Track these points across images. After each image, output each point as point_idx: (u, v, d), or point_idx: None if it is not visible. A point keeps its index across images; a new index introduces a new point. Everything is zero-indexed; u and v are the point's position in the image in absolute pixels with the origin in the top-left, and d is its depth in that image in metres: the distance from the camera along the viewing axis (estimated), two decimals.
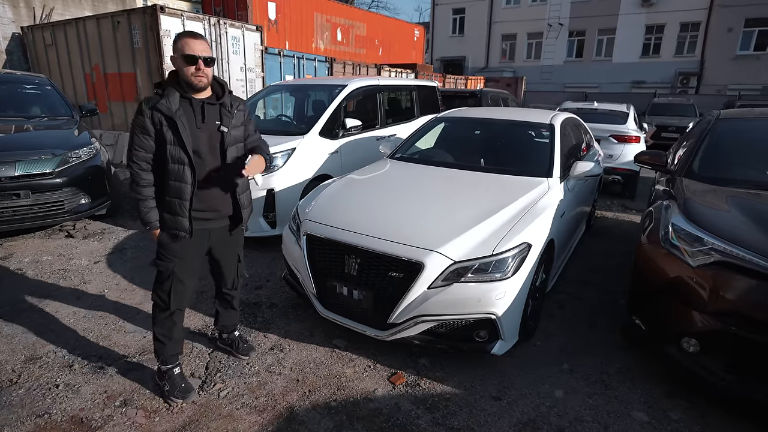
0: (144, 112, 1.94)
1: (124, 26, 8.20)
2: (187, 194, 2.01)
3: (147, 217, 2.03)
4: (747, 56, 19.76)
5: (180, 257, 2.10)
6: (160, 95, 1.96)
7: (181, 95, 1.98)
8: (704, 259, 2.11)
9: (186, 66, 1.93)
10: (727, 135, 3.12)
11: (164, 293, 2.12)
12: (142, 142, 1.97)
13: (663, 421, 2.12)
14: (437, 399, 2.24)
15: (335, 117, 4.76)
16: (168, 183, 2.00)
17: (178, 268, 2.11)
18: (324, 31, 15.48)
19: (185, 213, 2.03)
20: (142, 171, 1.99)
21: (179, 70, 1.97)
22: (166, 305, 2.12)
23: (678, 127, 12.75)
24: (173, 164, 1.98)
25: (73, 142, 4.55)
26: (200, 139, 2.01)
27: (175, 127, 1.95)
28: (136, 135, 1.97)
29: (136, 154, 1.97)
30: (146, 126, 1.94)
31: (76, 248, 4.15)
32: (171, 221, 2.04)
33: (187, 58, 1.91)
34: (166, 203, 2.03)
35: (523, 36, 24.77)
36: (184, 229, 2.05)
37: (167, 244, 2.08)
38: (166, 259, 2.09)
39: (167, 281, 2.11)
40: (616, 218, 5.83)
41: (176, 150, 1.97)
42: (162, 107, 1.93)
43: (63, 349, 2.56)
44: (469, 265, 2.30)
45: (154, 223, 2.05)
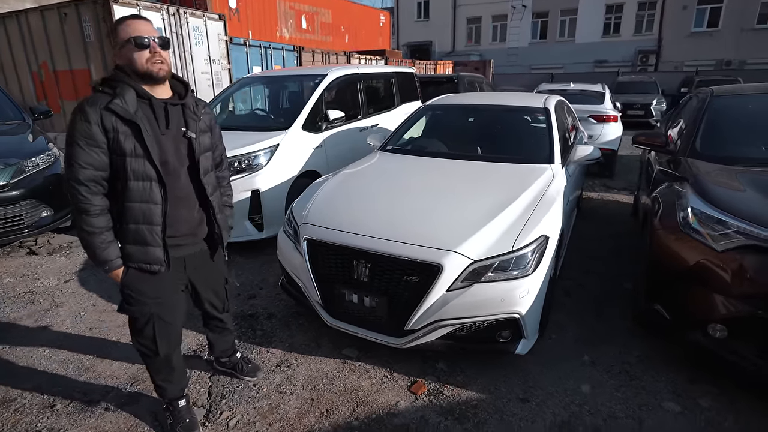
0: (89, 116, 1.49)
1: (72, 18, 7.54)
2: (158, 217, 1.62)
3: (105, 254, 1.59)
4: (701, 33, 20.48)
5: (156, 293, 1.71)
6: (110, 94, 1.53)
7: (138, 94, 1.58)
8: (730, 242, 2.05)
9: (138, 52, 1.54)
10: (725, 112, 3.10)
11: (147, 339, 1.76)
12: (89, 157, 1.50)
13: (695, 410, 2.08)
14: (464, 407, 2.11)
15: (317, 109, 4.51)
16: (129, 206, 1.59)
17: (157, 308, 1.73)
18: (288, 18, 14.93)
19: (158, 241, 1.63)
20: (91, 195, 1.54)
21: (129, 62, 1.55)
22: (153, 352, 1.78)
23: (642, 105, 13.10)
24: (136, 181, 1.57)
25: (28, 149, 4.11)
26: (166, 148, 1.62)
27: (138, 133, 1.54)
28: (78, 147, 1.49)
29: (81, 172, 1.50)
30: (94, 134, 1.50)
31: (42, 266, 3.77)
32: (139, 254, 1.63)
33: (138, 41, 1.53)
34: (130, 232, 1.61)
35: (488, 19, 24.78)
36: (158, 261, 1.65)
37: (136, 284, 1.67)
38: (138, 301, 1.69)
39: (147, 326, 1.74)
40: (601, 198, 5.87)
41: (139, 163, 1.56)
42: (117, 108, 1.51)
43: (40, 387, 2.27)
44: (489, 264, 2.16)
45: (115, 261, 1.62)
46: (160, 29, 7.69)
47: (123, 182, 1.57)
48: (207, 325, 2.18)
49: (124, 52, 1.57)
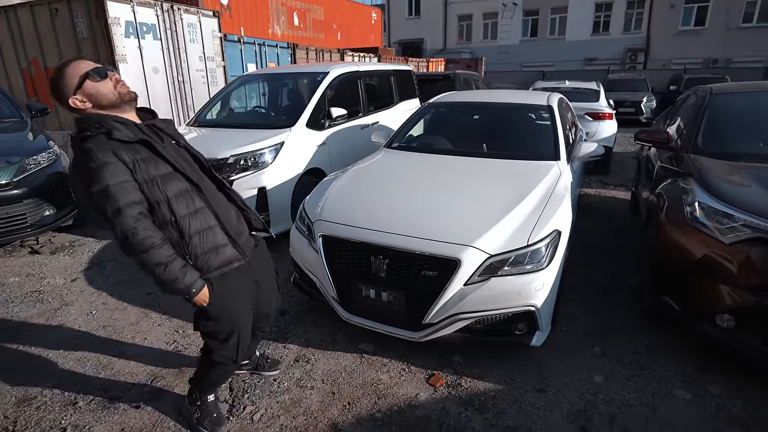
0: (103, 158, 1.42)
1: (64, 14, 7.41)
2: (212, 218, 1.63)
3: (188, 278, 1.53)
4: (688, 31, 20.82)
5: (239, 301, 1.71)
6: (101, 130, 1.46)
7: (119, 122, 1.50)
8: (737, 235, 2.13)
9: (101, 82, 1.49)
10: (725, 109, 3.19)
11: (230, 350, 1.76)
12: (129, 195, 1.44)
13: (705, 397, 2.16)
14: (483, 398, 2.17)
15: (320, 106, 4.52)
16: (183, 222, 1.56)
17: (242, 317, 1.74)
18: (280, 15, 14.85)
19: (224, 238, 1.64)
20: (149, 229, 1.48)
21: (97, 98, 1.49)
22: (233, 360, 1.80)
23: (633, 102, 13.28)
24: (177, 198, 1.55)
25: (29, 147, 4.06)
26: (178, 160, 1.60)
27: (153, 150, 1.52)
28: (115, 194, 1.42)
29: (129, 212, 1.44)
30: (119, 173, 1.44)
31: (46, 266, 3.74)
32: (216, 259, 1.61)
33: (97, 72, 1.48)
34: (197, 243, 1.58)
35: (479, 16, 24.88)
36: (236, 257, 1.65)
37: (222, 298, 1.64)
38: (224, 314, 1.67)
39: (232, 337, 1.73)
40: (598, 195, 5.97)
41: (170, 179, 1.54)
42: (121, 136, 1.46)
43: (59, 385, 2.27)
44: (505, 258, 2.21)
45: (199, 281, 1.56)
46: (154, 26, 7.62)
47: (167, 203, 1.54)
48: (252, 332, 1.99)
49: (86, 90, 1.48)
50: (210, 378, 1.91)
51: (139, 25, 7.38)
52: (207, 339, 1.77)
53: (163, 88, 7.87)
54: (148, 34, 7.54)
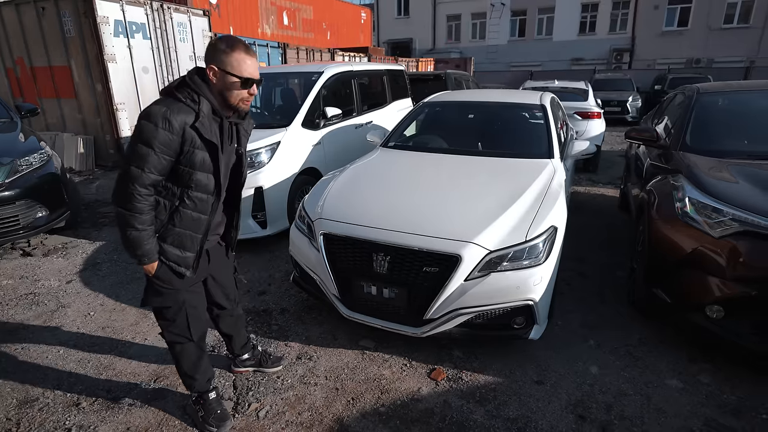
0: (173, 128, 1.52)
1: (51, 13, 7.31)
2: (203, 228, 1.72)
3: (147, 249, 1.61)
4: (672, 32, 21.24)
5: (184, 282, 1.77)
6: (194, 109, 1.56)
7: (214, 112, 1.63)
8: (726, 229, 2.21)
9: (239, 90, 1.61)
10: (712, 108, 3.29)
11: (180, 327, 1.81)
12: (159, 163, 1.53)
13: (696, 386, 2.24)
14: (484, 391, 2.22)
15: (315, 106, 4.54)
16: (183, 212, 1.66)
17: (188, 294, 1.80)
18: (269, 14, 14.78)
19: (195, 248, 1.72)
20: (149, 197, 1.57)
21: (224, 90, 1.61)
22: (187, 338, 1.84)
23: (618, 101, 13.50)
24: (197, 192, 1.65)
25: (21, 148, 4.01)
26: (222, 165, 1.70)
27: (214, 151, 1.62)
28: (153, 153, 1.51)
29: (148, 177, 1.53)
30: (172, 144, 1.54)
31: (39, 268, 3.70)
32: (174, 256, 1.69)
33: (245, 83, 1.60)
34: (174, 234, 1.67)
35: (467, 16, 25.05)
36: (188, 266, 1.73)
37: (168, 275, 1.72)
38: (168, 291, 1.74)
39: (180, 314, 1.79)
40: (588, 192, 6.08)
41: (205, 177, 1.65)
42: (202, 129, 1.57)
43: (61, 386, 2.26)
44: (504, 254, 2.27)
45: (154, 255, 1.65)
46: (144, 25, 7.54)
47: (185, 189, 1.64)
48: (219, 322, 2.16)
49: (226, 79, 1.59)
50: (180, 366, 1.92)
51: (129, 24, 7.30)
52: (157, 318, 1.85)
53: (153, 88, 7.80)
54: (137, 33, 7.46)
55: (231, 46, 1.58)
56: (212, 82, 1.61)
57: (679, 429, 1.97)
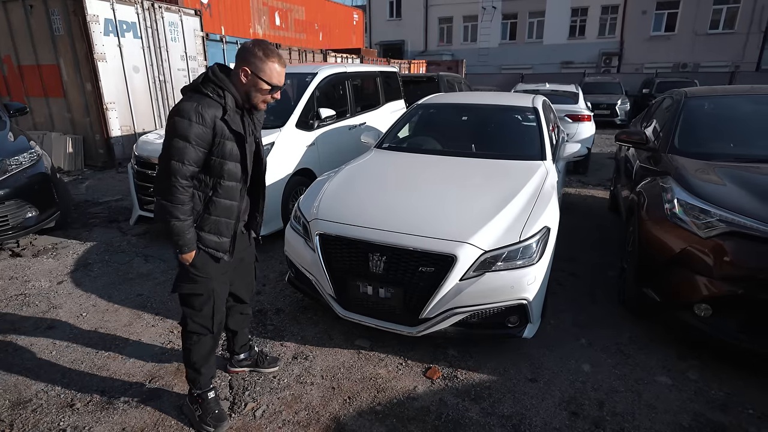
0: (206, 121, 1.64)
1: (39, 11, 7.22)
2: (235, 214, 1.83)
3: (188, 239, 1.73)
4: (659, 36, 21.61)
5: (217, 272, 1.87)
6: (220, 103, 1.68)
7: (236, 105, 1.75)
8: (713, 230, 2.27)
9: (266, 95, 1.75)
10: (699, 112, 3.37)
11: (205, 317, 1.88)
12: (196, 156, 1.66)
13: (685, 382, 2.29)
14: (479, 389, 2.25)
15: (309, 107, 4.55)
16: (218, 201, 1.78)
17: (218, 285, 1.89)
18: (261, 15, 14.73)
19: (230, 233, 1.84)
20: (189, 188, 1.70)
21: (250, 90, 1.74)
22: (208, 329, 1.90)
23: (608, 104, 13.69)
24: (229, 181, 1.77)
25: (10, 147, 3.96)
26: (249, 156, 1.83)
27: (241, 142, 1.75)
28: (191, 146, 1.64)
29: (188, 169, 1.66)
30: (205, 137, 1.67)
31: (29, 269, 3.65)
32: (213, 242, 1.81)
33: (274, 89, 1.75)
34: (211, 222, 1.80)
35: (459, 19, 25.22)
36: (226, 251, 1.85)
37: (204, 263, 1.82)
38: (201, 279, 1.83)
39: (207, 304, 1.87)
40: (578, 194, 6.17)
41: (234, 166, 1.77)
42: (230, 121, 1.70)
43: (54, 387, 2.24)
44: (498, 254, 2.30)
45: (194, 244, 1.76)
46: (135, 24, 7.48)
47: (217, 179, 1.76)
48: (230, 316, 2.18)
49: (257, 83, 1.71)
50: (191, 358, 1.93)
51: (119, 23, 7.24)
52: (184, 306, 1.90)
53: (144, 88, 7.74)
54: (128, 32, 7.40)
55: (267, 55, 1.70)
56: (242, 82, 1.73)
57: (669, 424, 2.01)
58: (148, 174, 4.00)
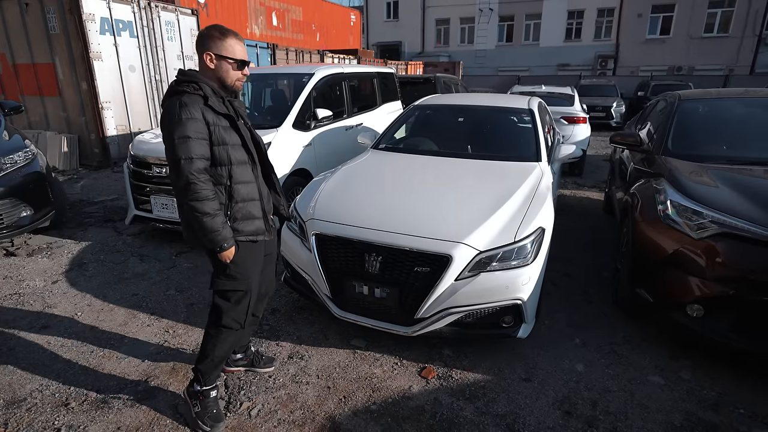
0: (194, 113, 1.67)
1: (35, 9, 7.19)
2: (256, 192, 1.88)
3: (225, 233, 1.74)
4: (655, 40, 21.77)
5: (255, 268, 1.92)
6: (198, 93, 1.71)
7: (214, 93, 1.77)
8: (705, 231, 2.30)
9: (235, 71, 1.78)
10: (693, 114, 3.41)
11: (240, 313, 1.92)
12: (202, 149, 1.69)
13: (678, 382, 2.32)
14: (473, 388, 2.26)
15: (306, 107, 4.55)
16: (236, 187, 1.81)
17: (256, 280, 1.94)
18: (258, 15, 14.72)
19: (261, 213, 1.89)
20: (208, 182, 1.72)
21: (221, 73, 1.77)
22: (240, 325, 1.94)
23: (603, 107, 13.76)
24: (238, 166, 1.80)
25: (5, 146, 3.95)
26: (246, 136, 1.86)
27: (233, 123, 1.78)
28: (193, 141, 1.66)
29: (199, 162, 1.68)
30: (201, 128, 1.69)
31: (24, 268, 3.64)
32: (248, 227, 1.85)
33: (242, 64, 1.78)
34: (239, 210, 1.82)
35: (456, 21, 25.30)
36: (263, 231, 1.90)
37: (244, 259, 1.85)
38: (242, 275, 1.86)
39: (245, 299, 1.91)
40: (574, 195, 6.20)
41: (237, 150, 1.80)
42: (215, 105, 1.72)
43: (49, 386, 2.24)
44: (493, 254, 2.32)
45: (232, 239, 1.78)
46: (131, 23, 7.46)
47: (228, 168, 1.78)
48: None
49: (220, 63, 1.75)
50: (211, 353, 1.94)
51: (115, 22, 7.21)
52: (220, 300, 1.90)
53: (140, 87, 7.71)
54: (124, 32, 7.37)
55: (224, 33, 1.75)
56: (210, 68, 1.77)
57: (661, 423, 2.03)
58: (144, 173, 3.99)
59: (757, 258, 2.14)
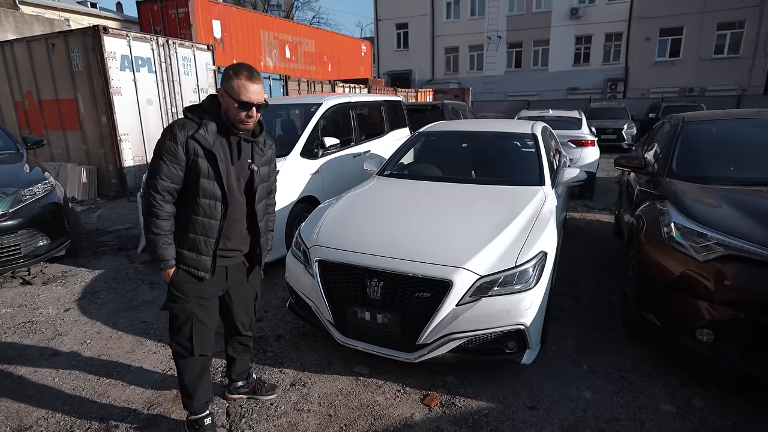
0: (177, 138, 1.76)
1: (60, 49, 7.62)
2: (215, 232, 1.87)
3: (164, 253, 1.82)
4: (664, 62, 21.86)
5: (198, 295, 1.91)
6: (197, 123, 1.81)
7: (219, 128, 1.85)
8: (711, 253, 2.26)
9: (237, 111, 1.80)
10: (696, 136, 3.40)
11: (184, 338, 1.93)
12: (169, 171, 1.77)
13: (690, 411, 2.23)
14: (477, 416, 2.22)
15: (314, 136, 4.67)
16: (194, 218, 1.84)
17: (198, 308, 1.92)
18: (272, 48, 15.30)
19: (209, 252, 1.88)
20: (164, 203, 1.80)
21: (227, 109, 1.82)
22: (189, 351, 1.93)
23: (614, 129, 13.76)
24: (204, 199, 1.83)
25: (25, 178, 4.12)
26: (232, 176, 1.89)
27: (213, 160, 1.81)
28: (163, 162, 1.76)
29: (160, 183, 1.77)
30: (178, 154, 1.77)
31: (38, 296, 3.73)
32: (191, 260, 1.87)
33: (242, 105, 1.78)
34: (189, 240, 1.86)
35: (465, 48, 25.85)
36: (206, 269, 1.89)
37: (183, 284, 1.88)
38: (181, 299, 1.89)
39: (186, 325, 1.92)
40: (583, 218, 6.15)
41: (210, 184, 1.82)
42: (200, 138, 1.79)
43: (55, 413, 2.27)
44: (494, 279, 2.31)
45: (171, 261, 1.85)
46: (150, 59, 7.82)
47: (193, 198, 1.83)
48: (229, 344, 2.24)
49: (229, 101, 1.79)
50: (182, 380, 1.98)
51: (135, 59, 7.58)
52: (169, 327, 1.97)
53: (156, 120, 8.02)
54: (143, 67, 7.74)
55: (235, 73, 1.79)
56: (222, 104, 1.84)
57: None
58: None
59: (766, 280, 2.09)
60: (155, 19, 12.63)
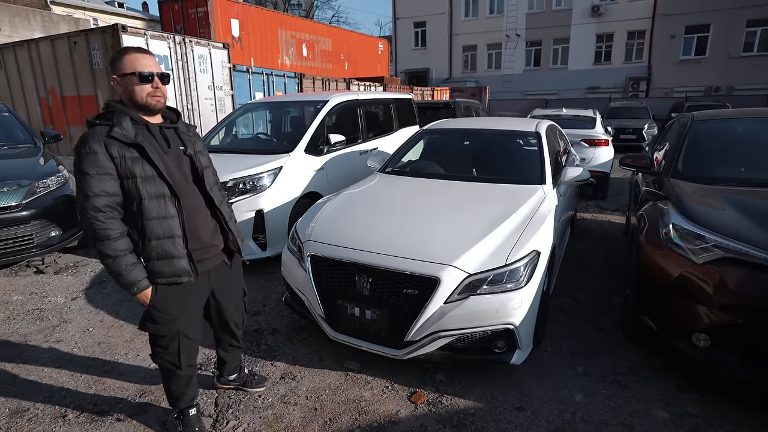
0: (93, 147, 1.56)
1: (82, 47, 7.85)
2: (178, 229, 1.70)
3: (132, 276, 1.63)
4: (689, 60, 21.18)
5: (182, 311, 1.78)
6: (107, 124, 1.61)
7: (133, 121, 1.67)
8: (709, 256, 2.19)
9: (140, 85, 1.64)
10: (705, 135, 3.28)
11: (171, 355, 1.82)
12: (101, 184, 1.57)
13: (683, 417, 2.16)
14: (462, 415, 2.20)
15: (319, 133, 4.70)
16: (148, 223, 1.65)
17: (182, 323, 1.79)
18: (289, 47, 15.42)
19: (181, 252, 1.71)
20: (109, 220, 1.60)
21: (129, 93, 1.65)
22: (176, 366, 1.85)
23: (634, 129, 13.41)
24: (150, 200, 1.65)
25: (40, 171, 4.27)
26: (171, 166, 1.71)
27: (143, 154, 1.63)
28: (89, 177, 1.55)
29: (96, 200, 1.56)
30: (101, 162, 1.57)
31: (49, 285, 3.86)
32: (166, 268, 1.69)
33: (142, 77, 1.63)
34: (154, 248, 1.67)
35: (483, 47, 25.57)
36: (186, 272, 1.72)
37: (164, 303, 1.72)
38: (164, 319, 1.74)
39: (173, 343, 1.80)
40: (594, 219, 6.02)
41: (150, 182, 1.64)
42: (118, 135, 1.59)
43: (51, 398, 2.35)
44: (484, 277, 2.28)
45: (143, 281, 1.66)
46: (167, 57, 7.99)
47: (138, 203, 1.65)
48: (220, 344, 2.23)
49: (125, 82, 1.65)
50: (168, 387, 1.96)
51: None
52: (150, 344, 1.86)
53: None
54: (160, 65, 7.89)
55: (121, 52, 1.67)
56: (121, 91, 1.68)
57: None
58: None
59: (765, 284, 2.01)
60: (176, 18, 12.89)
